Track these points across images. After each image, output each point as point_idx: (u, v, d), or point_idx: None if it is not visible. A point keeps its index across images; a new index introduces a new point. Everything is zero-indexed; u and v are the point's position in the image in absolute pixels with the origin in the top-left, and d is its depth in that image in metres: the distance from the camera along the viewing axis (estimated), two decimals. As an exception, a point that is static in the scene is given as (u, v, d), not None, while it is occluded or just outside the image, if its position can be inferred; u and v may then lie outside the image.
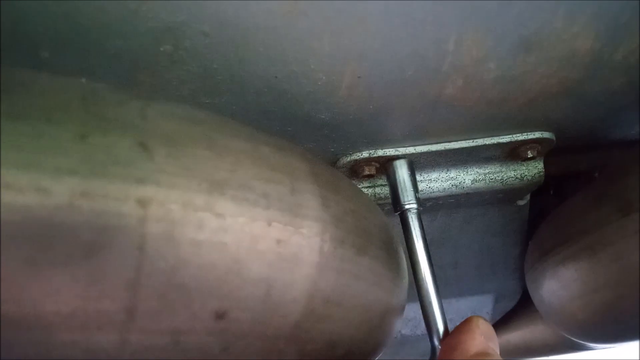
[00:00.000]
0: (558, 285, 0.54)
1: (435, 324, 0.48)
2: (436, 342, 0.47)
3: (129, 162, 0.27)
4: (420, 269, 0.49)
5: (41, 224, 0.25)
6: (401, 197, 0.53)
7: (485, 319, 0.41)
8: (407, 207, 0.52)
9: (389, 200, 0.59)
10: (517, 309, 0.93)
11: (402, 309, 0.47)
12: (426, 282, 0.49)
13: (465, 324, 0.40)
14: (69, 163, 0.26)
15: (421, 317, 0.89)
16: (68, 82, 0.30)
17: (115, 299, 0.26)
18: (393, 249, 0.43)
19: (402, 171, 0.54)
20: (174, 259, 0.27)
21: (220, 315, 0.29)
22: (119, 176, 0.26)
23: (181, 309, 0.28)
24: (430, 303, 0.48)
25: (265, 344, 0.32)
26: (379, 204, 0.59)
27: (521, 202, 0.67)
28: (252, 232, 0.30)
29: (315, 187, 0.35)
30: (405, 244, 0.50)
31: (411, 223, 0.51)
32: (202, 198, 0.28)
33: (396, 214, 0.53)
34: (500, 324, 0.99)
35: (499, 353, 0.39)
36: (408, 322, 0.90)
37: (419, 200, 0.52)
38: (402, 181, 0.53)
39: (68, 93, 0.29)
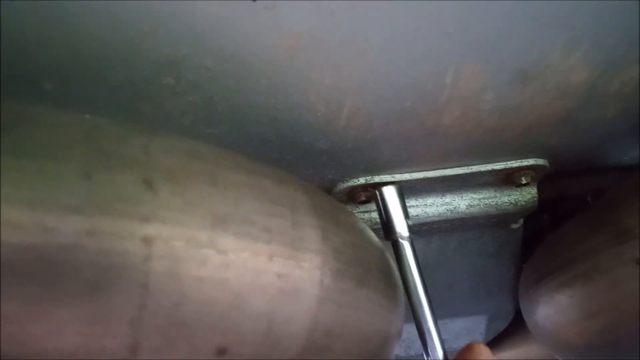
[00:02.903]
0: (553, 311, 0.54)
1: (435, 352, 0.48)
2: None
3: (133, 199, 0.27)
4: (415, 297, 0.49)
5: (46, 263, 0.25)
6: (392, 225, 0.52)
7: (485, 345, 0.42)
8: (399, 235, 0.52)
9: (385, 225, 0.59)
10: (510, 329, 0.93)
11: (399, 335, 0.47)
12: (423, 308, 0.49)
13: (468, 352, 0.41)
14: (74, 201, 0.26)
15: (414, 337, 0.89)
16: (72, 118, 0.30)
17: (118, 336, 0.26)
18: (390, 278, 0.43)
19: (392, 199, 0.53)
20: (177, 296, 0.27)
21: (221, 351, 0.29)
22: (124, 214, 0.26)
23: (183, 345, 0.28)
24: (428, 330, 0.49)
25: (265, 379, 0.32)
26: (374, 229, 0.60)
27: (515, 226, 0.67)
28: (254, 267, 0.30)
29: (315, 219, 0.35)
30: (399, 271, 0.50)
31: (403, 252, 0.51)
32: (206, 234, 0.29)
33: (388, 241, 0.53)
34: (493, 344, 0.99)
35: None
36: (402, 343, 0.90)
37: (410, 228, 0.52)
38: (391, 209, 0.53)
39: (72, 129, 0.29)
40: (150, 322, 0.27)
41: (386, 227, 0.53)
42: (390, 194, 0.53)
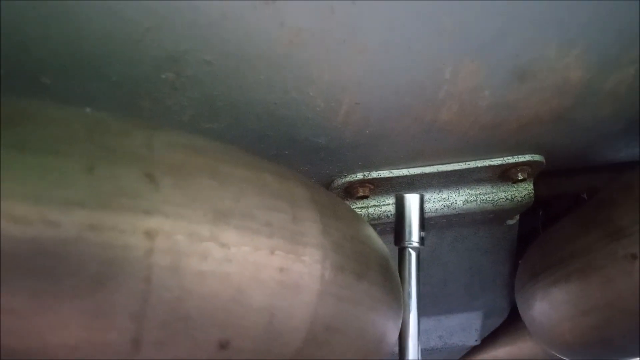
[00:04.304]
0: (549, 307, 0.55)
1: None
2: None
3: (136, 193, 0.27)
4: (407, 306, 0.50)
5: (49, 257, 0.25)
6: (406, 233, 0.52)
7: None
8: (408, 244, 0.52)
9: (382, 221, 0.60)
10: (505, 326, 0.94)
11: (398, 330, 0.47)
12: (409, 317, 0.50)
13: None
14: (77, 195, 0.26)
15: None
16: (73, 113, 0.30)
17: (121, 330, 0.26)
18: (389, 273, 0.44)
19: (412, 207, 0.53)
20: (179, 290, 0.27)
21: (223, 345, 0.29)
22: (126, 208, 0.27)
23: (185, 339, 0.28)
24: (409, 335, 0.49)
25: (265, 372, 0.32)
26: (371, 224, 0.60)
27: (511, 222, 0.68)
28: (255, 261, 0.30)
29: (316, 214, 0.35)
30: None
31: (408, 260, 0.51)
32: (208, 228, 0.29)
33: (396, 246, 0.53)
34: (488, 340, 1.00)
35: None
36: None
37: (422, 240, 0.52)
38: (409, 217, 0.53)
39: (74, 124, 0.29)
40: (152, 316, 0.27)
41: (399, 233, 0.53)
42: (413, 203, 0.53)
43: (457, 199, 0.60)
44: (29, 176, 0.25)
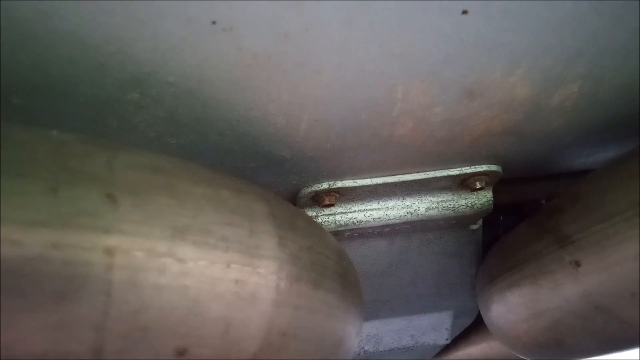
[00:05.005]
0: (505, 309, 0.58)
1: None
2: None
3: (96, 213, 0.29)
4: None
5: (13, 274, 0.27)
6: None
7: None
8: None
9: (349, 227, 0.62)
10: (476, 325, 0.97)
11: (358, 334, 0.50)
12: None
13: None
14: (40, 216, 0.28)
15: (383, 333, 0.93)
16: (38, 135, 0.32)
17: (83, 341, 0.28)
18: (348, 279, 0.46)
19: None
20: (138, 303, 0.29)
21: (180, 352, 0.32)
22: (87, 227, 0.28)
23: (144, 347, 0.30)
24: None
25: (224, 377, 0.34)
26: (339, 231, 0.62)
27: (474, 227, 0.70)
28: (211, 275, 0.32)
29: (272, 227, 0.37)
30: None
31: None
32: (165, 244, 0.31)
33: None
34: (460, 339, 1.03)
35: None
36: (371, 339, 0.93)
37: None
38: None
39: (38, 147, 0.31)
40: (113, 328, 0.29)
41: None
42: None
43: (420, 206, 0.62)
44: (-5, 199, 0.27)
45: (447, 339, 0.95)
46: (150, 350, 0.31)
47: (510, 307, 0.56)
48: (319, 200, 0.58)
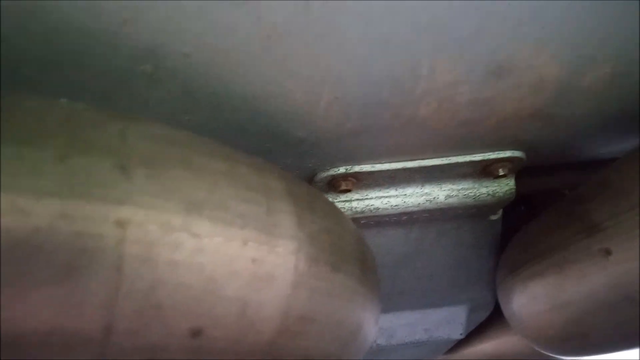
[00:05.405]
0: (527, 300, 0.56)
1: None
2: None
3: (108, 183, 0.28)
4: None
5: (20, 246, 0.25)
6: None
7: None
8: None
9: (366, 214, 0.60)
10: (491, 320, 0.95)
11: (376, 322, 0.48)
12: None
13: None
14: (49, 185, 0.26)
15: (396, 326, 0.91)
16: (48, 104, 0.30)
17: (92, 318, 0.27)
18: (367, 265, 0.44)
19: None
20: (151, 279, 0.28)
21: (195, 333, 0.30)
22: (98, 198, 0.27)
23: (157, 327, 0.29)
24: None
25: (239, 361, 0.33)
26: (355, 218, 0.61)
27: (494, 217, 0.68)
28: (228, 252, 0.31)
29: (291, 206, 0.36)
30: None
31: None
32: (180, 219, 0.29)
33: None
34: (474, 334, 1.01)
35: None
36: (384, 332, 0.91)
37: None
38: None
39: (48, 115, 0.29)
40: (124, 305, 0.28)
41: None
42: None
43: (440, 193, 0.60)
44: (2, 166, 0.26)
45: (461, 334, 0.93)
46: (163, 330, 0.29)
47: (533, 298, 0.55)
48: (335, 185, 0.57)
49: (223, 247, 0.30)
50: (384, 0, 0.35)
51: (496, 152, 0.55)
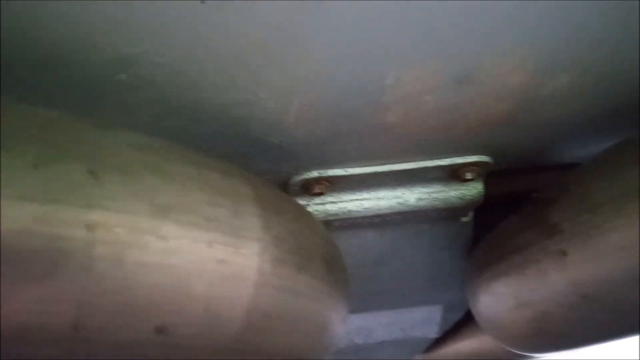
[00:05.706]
0: (492, 300, 0.58)
1: None
2: None
3: (79, 189, 0.29)
4: None
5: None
6: None
7: None
8: None
9: (340, 217, 0.62)
10: (466, 319, 0.97)
11: (343, 320, 0.50)
12: None
13: None
14: (24, 190, 0.28)
15: (373, 325, 0.93)
16: (25, 111, 0.32)
17: (62, 315, 0.29)
18: (334, 266, 0.46)
19: None
20: (120, 280, 0.30)
21: (160, 330, 0.32)
22: (70, 202, 0.29)
23: (124, 325, 0.31)
24: None
25: (207, 356, 0.35)
26: (329, 220, 0.63)
27: (465, 219, 0.70)
28: (194, 253, 0.32)
29: (257, 209, 0.38)
30: None
31: None
32: (147, 221, 0.31)
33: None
34: (450, 334, 1.03)
35: None
36: (361, 331, 0.93)
37: None
38: None
39: (24, 122, 0.31)
40: (93, 304, 0.29)
41: None
42: None
43: (411, 197, 0.62)
44: (-22, 171, 0.27)
45: (437, 333, 0.95)
46: (130, 328, 0.31)
47: (497, 297, 0.57)
48: (309, 188, 0.58)
49: (189, 249, 0.32)
50: (350, 13, 0.37)
51: (463, 157, 0.57)
